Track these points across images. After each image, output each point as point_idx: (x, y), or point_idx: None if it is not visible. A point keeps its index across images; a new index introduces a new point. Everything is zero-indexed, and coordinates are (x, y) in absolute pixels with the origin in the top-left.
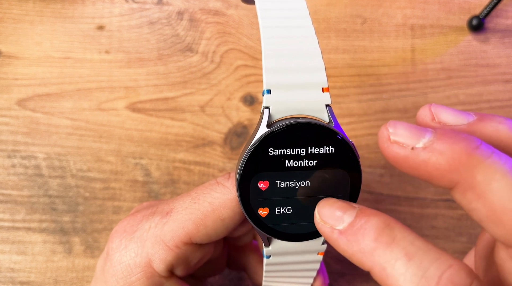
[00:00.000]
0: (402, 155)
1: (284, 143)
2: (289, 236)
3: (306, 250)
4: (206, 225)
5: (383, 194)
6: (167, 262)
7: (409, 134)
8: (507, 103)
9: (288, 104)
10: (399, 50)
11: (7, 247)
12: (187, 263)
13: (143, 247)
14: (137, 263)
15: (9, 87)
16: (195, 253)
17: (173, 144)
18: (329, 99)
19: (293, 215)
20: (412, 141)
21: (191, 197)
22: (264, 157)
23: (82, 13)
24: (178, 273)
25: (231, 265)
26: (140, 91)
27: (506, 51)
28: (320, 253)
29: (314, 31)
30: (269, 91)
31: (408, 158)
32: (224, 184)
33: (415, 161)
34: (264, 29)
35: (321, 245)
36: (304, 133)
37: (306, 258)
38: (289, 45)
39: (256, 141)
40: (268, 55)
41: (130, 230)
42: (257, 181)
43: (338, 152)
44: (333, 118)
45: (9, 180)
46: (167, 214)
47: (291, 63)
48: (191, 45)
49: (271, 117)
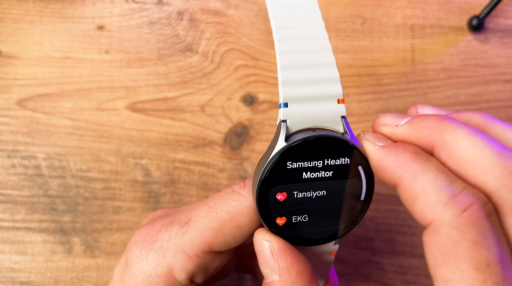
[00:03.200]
0: (388, 131)
1: (302, 156)
2: (305, 241)
3: (320, 251)
4: (224, 233)
5: (383, 194)
6: (188, 271)
7: (394, 118)
8: (507, 103)
9: (304, 117)
10: (399, 50)
11: (7, 247)
12: (206, 270)
13: (164, 257)
14: (158, 273)
15: (9, 87)
16: (214, 260)
17: (173, 144)
18: (344, 111)
19: (309, 222)
20: (397, 121)
21: (208, 206)
22: (283, 170)
23: (82, 13)
24: (197, 281)
25: (240, 269)
26: (140, 91)
27: (506, 51)
28: (332, 253)
29: (329, 42)
30: (286, 105)
31: (394, 133)
32: (240, 192)
33: (399, 134)
34: (279, 39)
35: (333, 245)
36: (321, 145)
37: (319, 259)
38: (305, 57)
39: (275, 155)
40: (284, 67)
41: (150, 240)
42: (275, 193)
43: (353, 163)
44: (348, 129)
45: (9, 180)
46: (186, 224)
47: (308, 75)
48: (191, 45)
49: (288, 130)
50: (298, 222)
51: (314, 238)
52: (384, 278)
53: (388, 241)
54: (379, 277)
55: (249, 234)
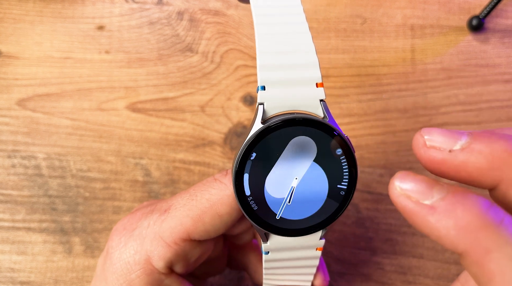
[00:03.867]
0: (440, 158)
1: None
2: (286, 231)
3: (305, 245)
4: (204, 222)
5: (383, 194)
6: (166, 258)
7: (445, 138)
8: (507, 103)
9: (282, 100)
10: (399, 50)
11: (7, 247)
12: (186, 260)
13: (142, 244)
14: (136, 260)
15: (9, 87)
16: (194, 250)
17: (173, 144)
18: (323, 94)
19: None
20: (449, 144)
21: (188, 194)
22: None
23: (82, 13)
24: (178, 270)
25: (232, 264)
26: (140, 91)
27: (506, 51)
28: (318, 248)
29: (307, 27)
30: (263, 88)
31: (446, 161)
32: (222, 180)
33: (454, 163)
34: (258, 26)
35: (319, 240)
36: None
37: (305, 253)
38: (283, 42)
39: (251, 136)
40: (262, 52)
41: (130, 228)
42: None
43: (333, 146)
44: (327, 113)
45: (9, 180)
46: (165, 212)
47: (285, 59)
48: (191, 45)
49: (265, 113)
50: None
51: (297, 228)
52: (384, 278)
53: (388, 241)
54: (379, 277)
55: (230, 223)
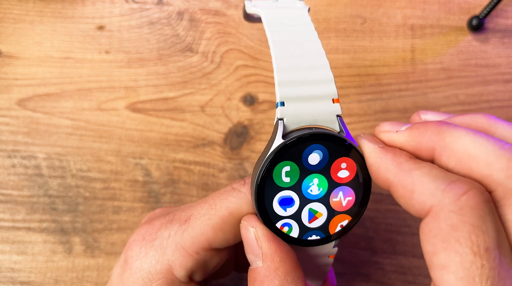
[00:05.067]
0: (388, 137)
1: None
2: (304, 242)
3: (319, 253)
4: (224, 230)
5: (383, 194)
6: (188, 268)
7: (394, 125)
8: (507, 103)
9: (301, 116)
10: (399, 50)
11: (7, 247)
12: (206, 268)
13: (163, 254)
14: (158, 270)
15: (9, 87)
16: (214, 258)
17: (173, 144)
18: (339, 110)
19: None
20: (397, 127)
21: (208, 204)
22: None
23: (82, 13)
24: (196, 278)
25: (239, 267)
26: (140, 91)
27: (506, 51)
28: (331, 256)
29: (321, 44)
30: (283, 103)
31: (393, 140)
32: (240, 189)
33: (399, 141)
34: (274, 44)
35: (332, 248)
36: (317, 143)
37: (318, 261)
38: (299, 59)
39: (272, 152)
40: (280, 69)
41: (150, 238)
42: None
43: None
44: (344, 127)
45: (9, 180)
46: (186, 222)
47: (302, 75)
48: (191, 45)
49: (285, 128)
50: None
51: (314, 239)
52: (384, 278)
53: (388, 241)
54: (379, 277)
55: None
